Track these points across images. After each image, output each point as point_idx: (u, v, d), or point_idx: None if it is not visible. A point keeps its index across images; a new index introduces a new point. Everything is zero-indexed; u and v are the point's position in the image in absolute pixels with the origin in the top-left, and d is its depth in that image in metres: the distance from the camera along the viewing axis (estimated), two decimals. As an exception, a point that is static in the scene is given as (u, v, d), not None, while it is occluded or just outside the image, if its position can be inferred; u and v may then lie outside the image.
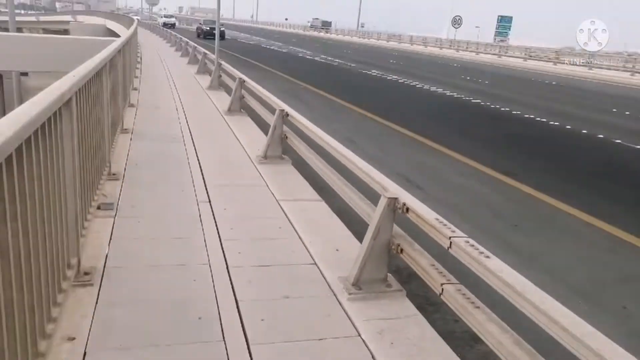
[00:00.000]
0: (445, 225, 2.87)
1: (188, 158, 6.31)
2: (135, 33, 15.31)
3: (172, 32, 31.85)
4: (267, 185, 5.56)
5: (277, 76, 20.26)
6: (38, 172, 2.21)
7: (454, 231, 2.80)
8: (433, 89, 19.80)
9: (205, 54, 15.11)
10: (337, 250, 4.05)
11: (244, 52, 30.34)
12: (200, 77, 14.55)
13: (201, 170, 5.87)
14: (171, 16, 68.35)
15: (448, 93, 18.86)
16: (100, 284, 3.24)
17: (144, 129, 7.50)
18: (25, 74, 26.92)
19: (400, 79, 22.40)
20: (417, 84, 20.92)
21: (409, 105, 16.22)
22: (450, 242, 2.71)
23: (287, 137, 6.31)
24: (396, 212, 3.28)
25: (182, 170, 5.85)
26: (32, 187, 2.14)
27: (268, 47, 41.18)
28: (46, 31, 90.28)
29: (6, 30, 36.33)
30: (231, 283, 3.42)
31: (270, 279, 3.53)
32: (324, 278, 3.58)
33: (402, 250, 3.26)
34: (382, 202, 3.30)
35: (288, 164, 6.42)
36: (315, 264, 3.79)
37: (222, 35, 48.38)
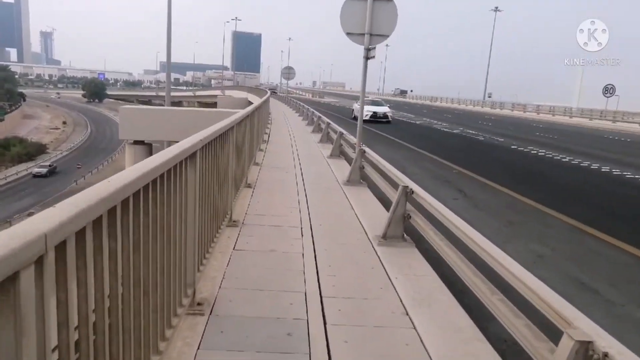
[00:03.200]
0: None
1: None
2: (261, 107, 12.41)
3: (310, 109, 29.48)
4: None
5: (422, 156, 16.19)
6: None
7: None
8: (624, 173, 14.25)
9: (341, 133, 11.56)
10: None
11: (377, 126, 26.87)
12: (333, 162, 10.98)
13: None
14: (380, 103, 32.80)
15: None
16: None
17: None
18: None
19: (575, 160, 16.98)
20: (597, 166, 15.45)
21: (624, 203, 10.92)
22: None
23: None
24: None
25: None
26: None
27: (400, 119, 37.66)
28: (200, 104, 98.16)
29: (160, 106, 37.85)
30: None
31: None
32: None
33: None
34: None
35: None
36: None
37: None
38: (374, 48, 8.31)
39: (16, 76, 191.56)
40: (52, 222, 1.31)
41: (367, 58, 8.59)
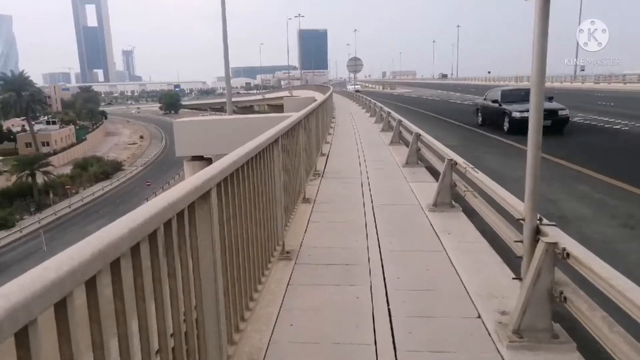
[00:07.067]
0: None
1: None
2: (320, 106, 7.49)
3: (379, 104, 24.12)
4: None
5: (575, 174, 10.25)
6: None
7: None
8: None
9: (448, 170, 6.13)
10: None
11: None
12: (441, 221, 5.71)
13: None
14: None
15: None
16: None
17: None
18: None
19: None
20: None
21: None
22: None
23: None
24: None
25: None
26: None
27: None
28: (269, 106, 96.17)
29: (234, 111, 34.62)
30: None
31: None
32: None
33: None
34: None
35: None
36: None
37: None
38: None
39: (102, 95, 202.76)
40: (219, 169, 2.48)
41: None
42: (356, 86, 65.66)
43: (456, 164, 6.03)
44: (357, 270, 4.33)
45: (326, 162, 10.17)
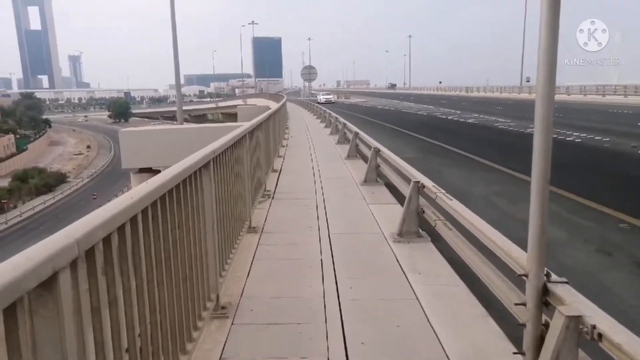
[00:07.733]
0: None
1: None
2: (267, 119, 6.56)
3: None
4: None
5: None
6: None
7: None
8: None
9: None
10: None
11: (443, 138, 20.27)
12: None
13: None
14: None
15: None
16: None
17: None
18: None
19: None
20: None
21: None
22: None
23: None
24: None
25: None
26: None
27: (474, 122, 30.96)
28: (223, 115, 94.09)
29: (186, 120, 32.82)
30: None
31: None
32: None
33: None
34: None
35: None
36: None
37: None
38: None
39: (47, 102, 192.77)
40: (83, 230, 1.51)
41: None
42: (328, 96, 62.52)
43: (424, 187, 5.26)
44: (311, 332, 3.42)
45: (278, 179, 9.25)
